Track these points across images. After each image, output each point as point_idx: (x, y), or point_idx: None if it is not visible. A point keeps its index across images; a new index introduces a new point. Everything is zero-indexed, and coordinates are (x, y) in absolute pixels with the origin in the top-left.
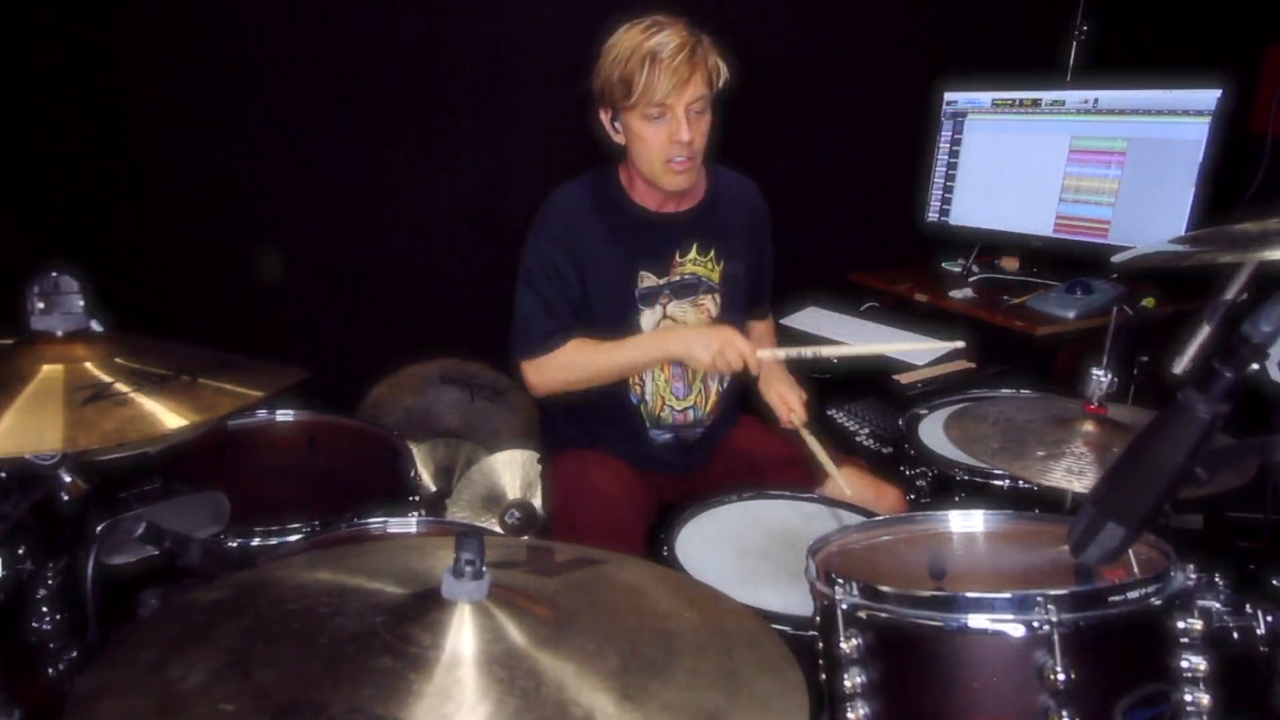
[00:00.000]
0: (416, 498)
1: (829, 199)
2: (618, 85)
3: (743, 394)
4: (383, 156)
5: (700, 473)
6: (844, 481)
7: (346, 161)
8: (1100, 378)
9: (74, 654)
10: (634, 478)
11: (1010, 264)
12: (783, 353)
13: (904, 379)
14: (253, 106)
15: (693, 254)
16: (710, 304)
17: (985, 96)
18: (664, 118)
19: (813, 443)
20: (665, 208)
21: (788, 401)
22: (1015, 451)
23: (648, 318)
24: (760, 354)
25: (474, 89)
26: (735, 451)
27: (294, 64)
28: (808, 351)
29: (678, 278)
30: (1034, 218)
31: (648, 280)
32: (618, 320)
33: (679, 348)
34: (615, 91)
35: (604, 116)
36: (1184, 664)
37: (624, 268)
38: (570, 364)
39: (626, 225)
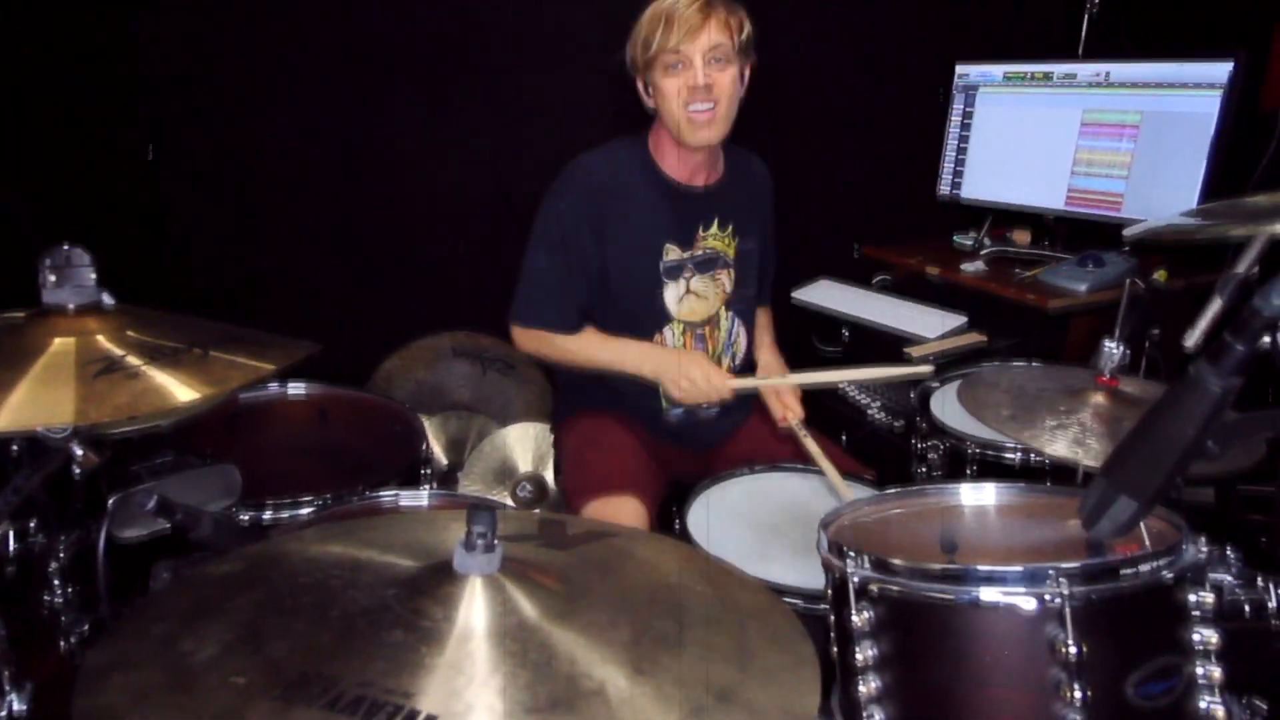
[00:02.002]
0: (428, 471)
1: (841, 173)
2: (640, 46)
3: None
4: (394, 131)
5: (713, 451)
6: (843, 486)
7: (358, 136)
8: (1112, 349)
9: (85, 627)
10: (647, 441)
11: (1022, 238)
12: (754, 382)
13: (916, 352)
14: (262, 82)
15: (714, 229)
16: (725, 279)
17: (997, 70)
18: (681, 67)
19: (812, 446)
20: (692, 181)
21: (784, 400)
22: (1025, 420)
23: (671, 291)
24: (731, 383)
25: (485, 63)
26: (752, 439)
27: (304, 39)
28: (779, 379)
29: (700, 252)
30: (1046, 191)
31: (672, 254)
32: (641, 294)
33: (650, 370)
34: (639, 53)
35: (639, 84)
36: (1195, 637)
37: (651, 240)
38: (556, 346)
39: (655, 197)
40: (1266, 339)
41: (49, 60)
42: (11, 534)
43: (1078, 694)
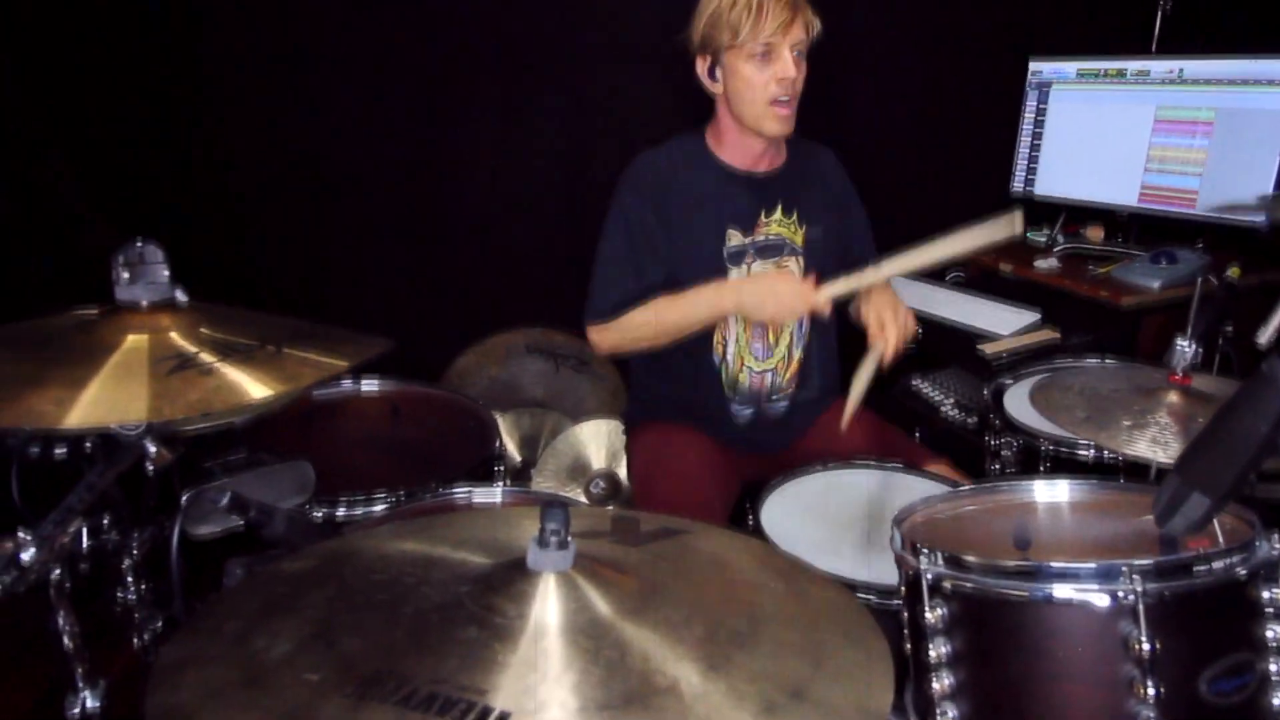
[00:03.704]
0: (501, 468)
1: (915, 169)
2: (723, 30)
3: (834, 374)
4: (467, 125)
5: (785, 453)
6: (846, 420)
7: (432, 131)
8: (1185, 348)
9: (159, 624)
10: (718, 454)
11: (1095, 234)
12: (849, 285)
13: (989, 349)
14: (333, 75)
15: (778, 214)
16: (794, 266)
17: (1070, 67)
18: (769, 58)
19: (863, 377)
20: (754, 168)
21: (882, 319)
22: (1101, 421)
23: (734, 277)
24: (827, 290)
25: (558, 55)
26: (824, 437)
27: (373, 30)
28: (874, 275)
29: (762, 238)
30: (1119, 188)
31: (735, 239)
32: (706, 281)
33: (731, 301)
34: (720, 37)
35: (700, 66)
36: (1269, 634)
37: (714, 227)
38: (629, 325)
39: (715, 184)
40: None
41: (120, 58)
42: (85, 531)
43: (1151, 690)
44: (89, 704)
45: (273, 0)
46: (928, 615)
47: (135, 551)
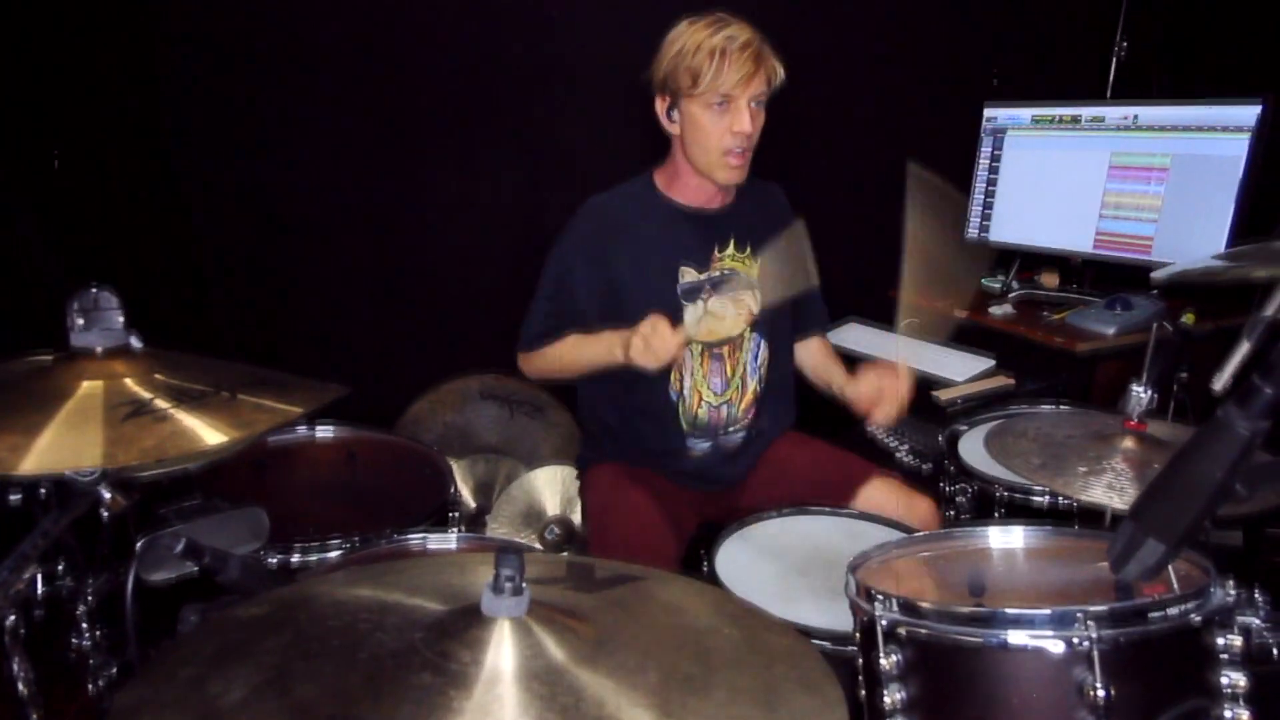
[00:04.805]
0: (456, 514)
1: (870, 215)
2: (684, 74)
3: (789, 404)
4: (421, 173)
5: (739, 488)
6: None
7: (385, 178)
8: (1140, 394)
9: (113, 670)
10: (672, 495)
11: (1050, 280)
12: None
13: (944, 395)
14: (289, 122)
15: (731, 249)
16: (750, 299)
17: (1025, 113)
18: (726, 108)
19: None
20: (706, 205)
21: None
22: (1056, 468)
23: (690, 313)
24: (683, 333)
25: (511, 102)
26: (775, 466)
27: (330, 80)
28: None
29: (717, 272)
30: (1074, 234)
31: (689, 275)
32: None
33: (620, 350)
34: (680, 80)
35: (660, 105)
36: (1223, 680)
37: (665, 265)
38: (547, 357)
39: (667, 223)
40: None
41: (78, 104)
42: (40, 577)
43: None
44: None
45: (231, 46)
46: (882, 661)
47: (90, 597)
